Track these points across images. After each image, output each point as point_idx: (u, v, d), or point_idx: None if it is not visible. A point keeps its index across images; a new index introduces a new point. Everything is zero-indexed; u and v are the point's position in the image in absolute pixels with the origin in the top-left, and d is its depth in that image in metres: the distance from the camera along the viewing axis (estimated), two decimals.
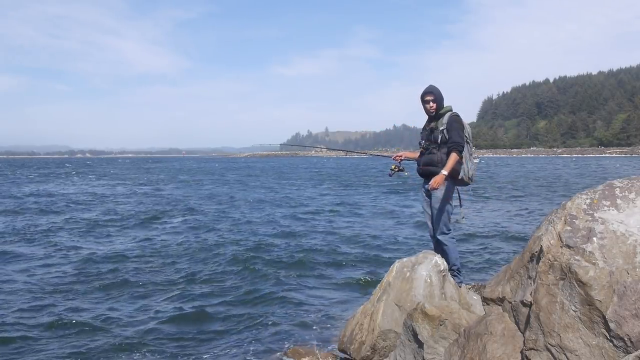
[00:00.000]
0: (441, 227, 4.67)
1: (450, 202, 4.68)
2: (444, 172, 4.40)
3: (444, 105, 4.71)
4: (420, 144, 4.87)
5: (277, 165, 70.39)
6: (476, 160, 4.75)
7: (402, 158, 5.04)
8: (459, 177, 4.60)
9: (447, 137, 4.57)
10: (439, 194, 4.61)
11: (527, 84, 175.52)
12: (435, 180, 4.37)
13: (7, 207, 17.18)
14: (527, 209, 15.42)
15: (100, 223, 13.14)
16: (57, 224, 12.92)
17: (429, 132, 4.74)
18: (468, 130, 4.65)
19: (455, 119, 4.58)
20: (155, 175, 42.83)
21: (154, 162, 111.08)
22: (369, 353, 4.00)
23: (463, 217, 5.29)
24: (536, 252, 2.64)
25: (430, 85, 4.76)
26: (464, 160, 4.57)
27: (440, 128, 4.61)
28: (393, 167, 5.05)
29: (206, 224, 12.81)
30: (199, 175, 42.07)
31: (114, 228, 12.37)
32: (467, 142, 4.62)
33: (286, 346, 4.80)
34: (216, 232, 11.60)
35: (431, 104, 4.68)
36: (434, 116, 4.72)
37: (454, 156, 4.45)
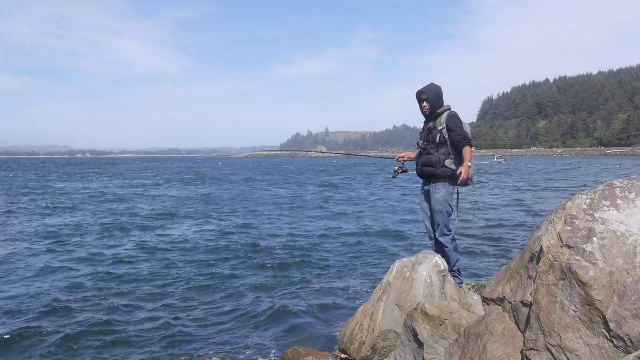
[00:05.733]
0: (442, 228, 4.64)
1: (450, 203, 4.65)
2: (467, 162, 4.34)
3: (444, 104, 4.68)
4: (418, 144, 4.83)
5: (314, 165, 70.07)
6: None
7: (405, 159, 5.02)
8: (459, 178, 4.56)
9: (445, 136, 4.53)
10: (438, 195, 4.59)
11: (527, 84, 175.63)
12: (464, 171, 4.29)
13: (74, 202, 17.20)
14: (528, 208, 15.41)
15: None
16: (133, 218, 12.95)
17: (427, 132, 4.69)
18: (467, 129, 4.61)
19: (454, 117, 4.55)
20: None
21: (175, 162, 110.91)
22: (369, 353, 3.99)
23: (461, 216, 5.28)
24: (536, 252, 2.64)
25: (427, 85, 4.71)
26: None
27: (439, 128, 4.56)
28: (396, 168, 5.01)
29: (215, 224, 12.81)
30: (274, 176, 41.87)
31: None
32: None
33: (286, 346, 4.79)
34: (217, 231, 11.60)
35: (424, 103, 4.65)
36: (431, 116, 4.69)
37: (467, 149, 4.43)
